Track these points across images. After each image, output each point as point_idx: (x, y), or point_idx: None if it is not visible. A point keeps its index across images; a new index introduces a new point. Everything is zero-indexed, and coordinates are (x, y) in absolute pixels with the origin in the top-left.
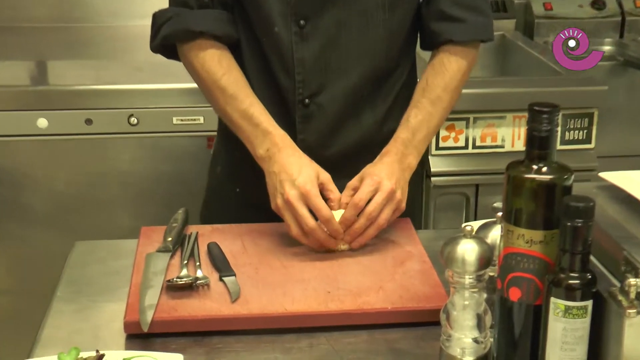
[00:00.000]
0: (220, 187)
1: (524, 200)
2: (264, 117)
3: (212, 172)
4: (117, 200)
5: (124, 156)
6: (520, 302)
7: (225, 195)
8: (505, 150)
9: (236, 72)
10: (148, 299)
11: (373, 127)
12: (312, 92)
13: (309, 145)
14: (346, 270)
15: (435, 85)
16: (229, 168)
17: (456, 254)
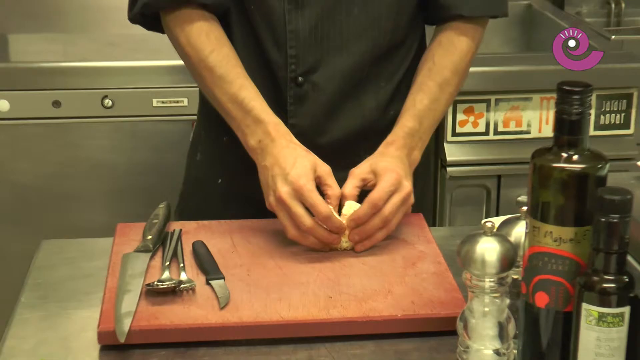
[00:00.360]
0: (200, 177)
1: (552, 193)
2: (256, 102)
3: (190, 159)
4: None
5: (97, 143)
6: (548, 309)
7: (206, 187)
8: (531, 136)
9: (227, 49)
10: (125, 306)
11: (376, 111)
12: (307, 69)
13: (302, 131)
14: (350, 272)
15: (444, 66)
16: (211, 155)
17: (475, 254)
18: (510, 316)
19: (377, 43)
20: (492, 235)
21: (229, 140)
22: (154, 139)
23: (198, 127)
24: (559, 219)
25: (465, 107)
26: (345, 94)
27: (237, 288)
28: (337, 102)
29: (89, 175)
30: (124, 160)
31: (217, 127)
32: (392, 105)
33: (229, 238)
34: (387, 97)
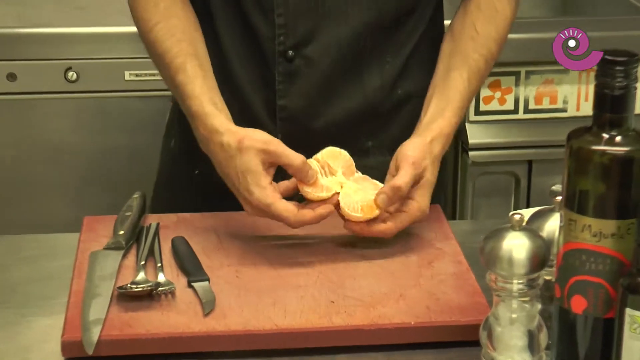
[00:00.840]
0: (175, 167)
1: (591, 180)
2: (189, 87)
3: (165, 147)
4: (51, 181)
5: (59, 123)
6: (586, 315)
7: (181, 179)
8: (567, 115)
9: (175, 20)
10: (93, 312)
11: (380, 91)
12: (298, 41)
13: (292, 114)
14: (356, 273)
15: (488, 36)
16: (186, 142)
17: (501, 252)
18: (541, 324)
19: (382, 9)
20: (521, 229)
21: None
22: (126, 119)
23: (173, 110)
24: (598, 211)
25: (490, 80)
26: (344, 71)
27: (224, 291)
28: (334, 80)
29: (50, 160)
30: (91, 143)
31: None
32: (400, 84)
33: (214, 233)
34: (394, 75)
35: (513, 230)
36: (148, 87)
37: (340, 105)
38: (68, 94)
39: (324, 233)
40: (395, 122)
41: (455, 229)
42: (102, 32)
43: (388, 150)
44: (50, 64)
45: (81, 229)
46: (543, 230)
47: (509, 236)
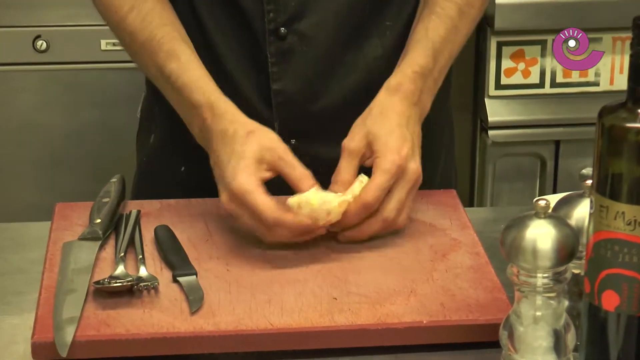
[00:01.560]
0: (157, 165)
1: (625, 162)
2: (185, 77)
3: (141, 143)
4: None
5: (27, 98)
6: (619, 313)
7: (164, 177)
8: (600, 89)
9: (150, 3)
10: (68, 310)
11: (383, 62)
12: (290, 16)
13: (289, 98)
14: (361, 267)
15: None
16: (169, 136)
17: (524, 242)
18: (569, 323)
19: None
20: (547, 217)
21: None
22: (102, 93)
23: (149, 100)
24: (633, 196)
25: (512, 50)
26: (342, 44)
27: (214, 287)
28: (333, 55)
29: (16, 140)
30: (63, 121)
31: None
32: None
33: (202, 222)
34: (395, 40)
35: (537, 218)
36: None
37: (340, 82)
38: (37, 65)
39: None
40: None
41: (472, 216)
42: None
43: None
44: (16, 32)
45: (53, 217)
46: (571, 218)
47: (532, 225)
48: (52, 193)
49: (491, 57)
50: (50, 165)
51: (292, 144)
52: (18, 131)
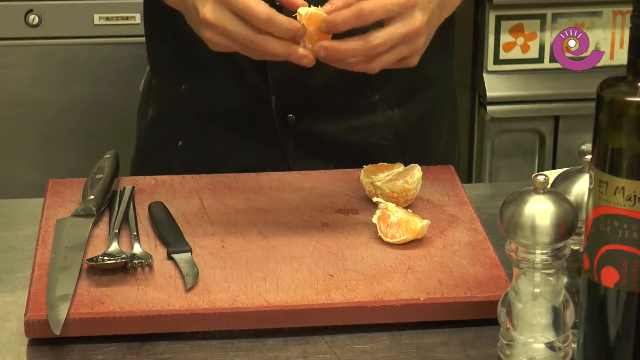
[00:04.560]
0: (154, 139)
1: (625, 137)
2: None
3: (141, 116)
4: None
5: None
6: (619, 289)
7: (162, 152)
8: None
9: None
10: (61, 287)
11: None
12: None
13: (285, 72)
14: (357, 243)
15: None
16: (166, 110)
17: (523, 218)
18: (568, 299)
19: None
20: (546, 193)
21: (189, 88)
22: (95, 68)
23: (149, 74)
24: (634, 171)
25: (511, 24)
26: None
27: (209, 264)
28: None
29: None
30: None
31: (171, 71)
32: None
33: (197, 198)
34: None
35: (536, 193)
36: (120, 33)
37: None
38: (29, 40)
39: (322, 197)
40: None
41: (471, 192)
42: None
43: (396, 104)
44: (7, 6)
45: (45, 193)
46: (570, 193)
47: (531, 200)
48: (45, 169)
49: (490, 32)
50: (43, 141)
51: (290, 118)
52: (11, 107)
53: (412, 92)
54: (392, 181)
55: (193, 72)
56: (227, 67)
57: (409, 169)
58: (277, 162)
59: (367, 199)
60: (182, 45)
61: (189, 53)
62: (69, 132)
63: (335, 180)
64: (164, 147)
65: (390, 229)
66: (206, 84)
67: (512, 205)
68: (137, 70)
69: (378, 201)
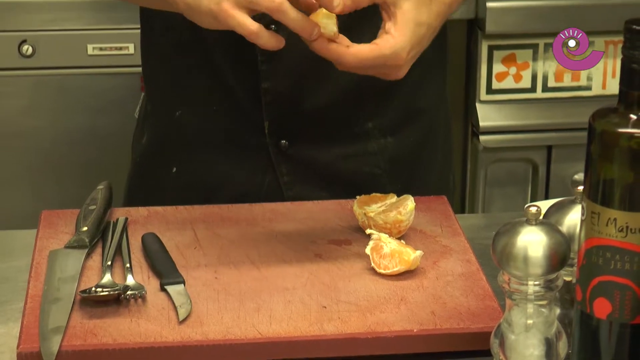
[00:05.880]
0: (149, 165)
1: (617, 168)
2: None
3: (136, 142)
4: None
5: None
6: (611, 320)
7: (156, 179)
8: (592, 93)
9: None
10: (54, 319)
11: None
12: None
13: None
14: (350, 274)
15: None
16: (161, 136)
17: (515, 249)
18: (561, 331)
19: None
20: (538, 224)
21: (183, 114)
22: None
23: (145, 99)
24: (625, 202)
25: (504, 54)
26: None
27: (202, 295)
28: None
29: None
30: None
31: (166, 97)
32: None
33: (190, 229)
34: None
35: (529, 224)
36: (114, 63)
37: (330, 82)
38: (23, 70)
39: (315, 228)
40: (398, 96)
41: (464, 223)
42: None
43: (390, 132)
44: (1, 37)
45: (39, 224)
46: (563, 224)
47: (524, 231)
48: (38, 199)
49: (482, 61)
50: (36, 171)
51: (283, 144)
52: (4, 137)
53: (405, 121)
54: (385, 212)
55: (187, 99)
56: (221, 92)
57: (402, 200)
58: (270, 188)
59: (360, 229)
60: (177, 71)
61: (184, 79)
62: (63, 162)
63: (328, 211)
64: (158, 173)
65: (384, 260)
66: (200, 110)
67: (505, 237)
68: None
69: (371, 232)
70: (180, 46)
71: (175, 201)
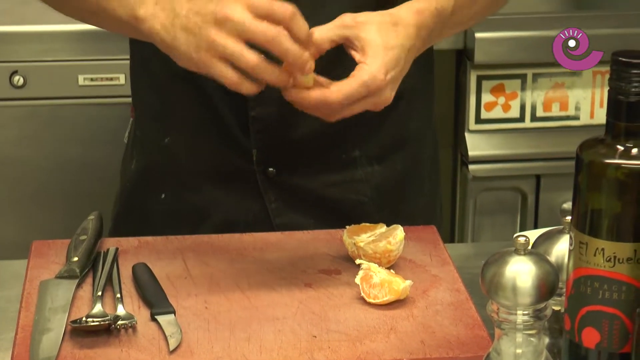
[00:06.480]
0: (136, 192)
1: (604, 198)
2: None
3: (125, 168)
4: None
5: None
6: (599, 350)
7: (145, 205)
8: (580, 123)
9: None
10: (44, 349)
11: None
12: None
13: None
14: (340, 303)
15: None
16: (150, 163)
17: (504, 279)
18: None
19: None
20: (527, 254)
21: (171, 141)
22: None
23: (134, 124)
24: (613, 232)
25: (493, 84)
26: (323, 68)
27: (192, 325)
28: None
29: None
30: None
31: (155, 125)
32: None
33: (180, 259)
34: None
35: (517, 254)
36: (105, 93)
37: None
38: (14, 100)
39: (305, 257)
40: (385, 125)
41: (453, 252)
42: (51, 30)
43: (377, 160)
44: None
45: (29, 254)
46: (551, 254)
47: (512, 261)
48: (29, 229)
49: (471, 91)
50: (27, 201)
51: (270, 172)
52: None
53: (392, 149)
54: (375, 242)
55: (176, 126)
56: (210, 120)
57: (391, 230)
58: (259, 216)
59: (349, 259)
60: (166, 98)
61: (173, 106)
62: (54, 192)
63: (318, 240)
64: (147, 199)
65: (373, 289)
66: (189, 137)
67: (494, 267)
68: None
69: (361, 262)
70: (170, 73)
71: (164, 227)
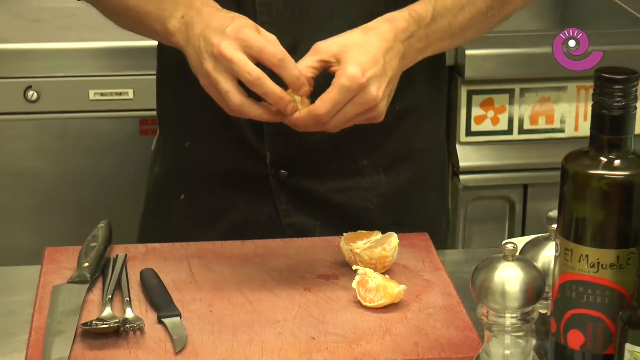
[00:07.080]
0: (160, 194)
1: (588, 207)
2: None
3: (150, 171)
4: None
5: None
6: (584, 351)
7: (166, 206)
8: (565, 135)
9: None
10: (56, 351)
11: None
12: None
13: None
14: (338, 307)
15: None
16: (170, 166)
17: (493, 284)
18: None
19: (372, 14)
20: (515, 259)
21: (191, 145)
22: (91, 141)
23: (159, 138)
24: (597, 239)
25: (482, 98)
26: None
27: (197, 328)
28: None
29: (8, 186)
30: (53, 168)
31: (176, 130)
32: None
33: (185, 265)
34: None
35: (505, 260)
36: (114, 107)
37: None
38: (28, 114)
39: (304, 263)
40: (394, 137)
41: (445, 258)
42: (63, 47)
43: (383, 169)
44: (8, 83)
45: (42, 260)
46: (538, 260)
47: (501, 267)
48: (42, 237)
49: (462, 105)
50: (40, 210)
51: (282, 174)
52: (10, 178)
53: (400, 160)
54: (371, 248)
55: (195, 131)
56: (226, 125)
57: (386, 237)
58: (270, 216)
59: (346, 265)
60: (186, 105)
61: (193, 113)
62: (65, 202)
63: (316, 247)
64: (168, 200)
65: (369, 293)
66: (207, 143)
67: (483, 272)
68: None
69: (357, 267)
70: (190, 81)
71: (182, 226)
